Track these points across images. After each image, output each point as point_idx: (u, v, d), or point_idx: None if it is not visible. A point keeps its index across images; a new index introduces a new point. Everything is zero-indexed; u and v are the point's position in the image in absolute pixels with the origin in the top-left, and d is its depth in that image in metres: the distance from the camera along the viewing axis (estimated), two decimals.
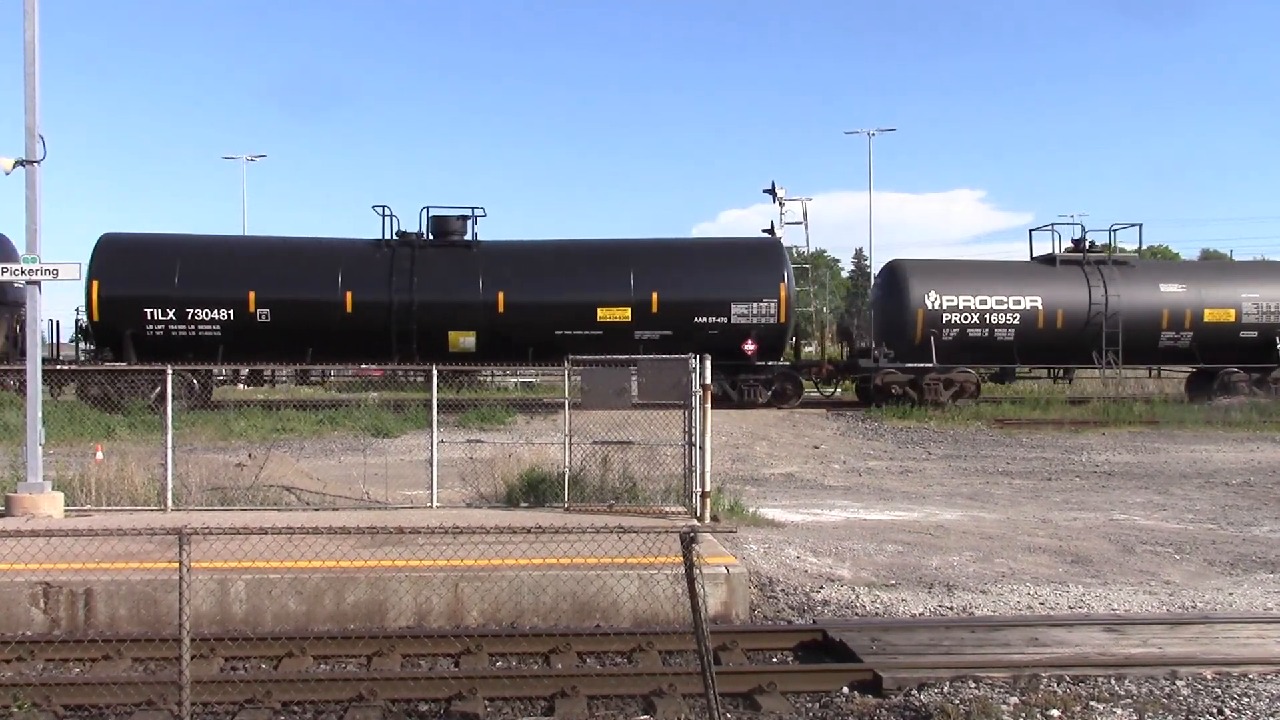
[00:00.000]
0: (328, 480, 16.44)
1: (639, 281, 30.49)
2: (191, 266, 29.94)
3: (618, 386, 13.64)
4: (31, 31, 12.74)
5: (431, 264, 30.44)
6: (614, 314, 30.27)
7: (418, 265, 30.28)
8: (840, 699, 7.55)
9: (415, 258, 30.42)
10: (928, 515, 15.17)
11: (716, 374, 29.70)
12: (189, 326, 29.60)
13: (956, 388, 31.63)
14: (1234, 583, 11.11)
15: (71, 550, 8.85)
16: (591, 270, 30.89)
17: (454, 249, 31.00)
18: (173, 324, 29.53)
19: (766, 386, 30.91)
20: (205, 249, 31.16)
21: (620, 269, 30.74)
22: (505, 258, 30.90)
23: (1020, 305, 32.12)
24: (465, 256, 30.74)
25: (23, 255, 12.72)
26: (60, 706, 7.28)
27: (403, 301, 29.82)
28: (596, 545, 8.54)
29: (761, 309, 30.59)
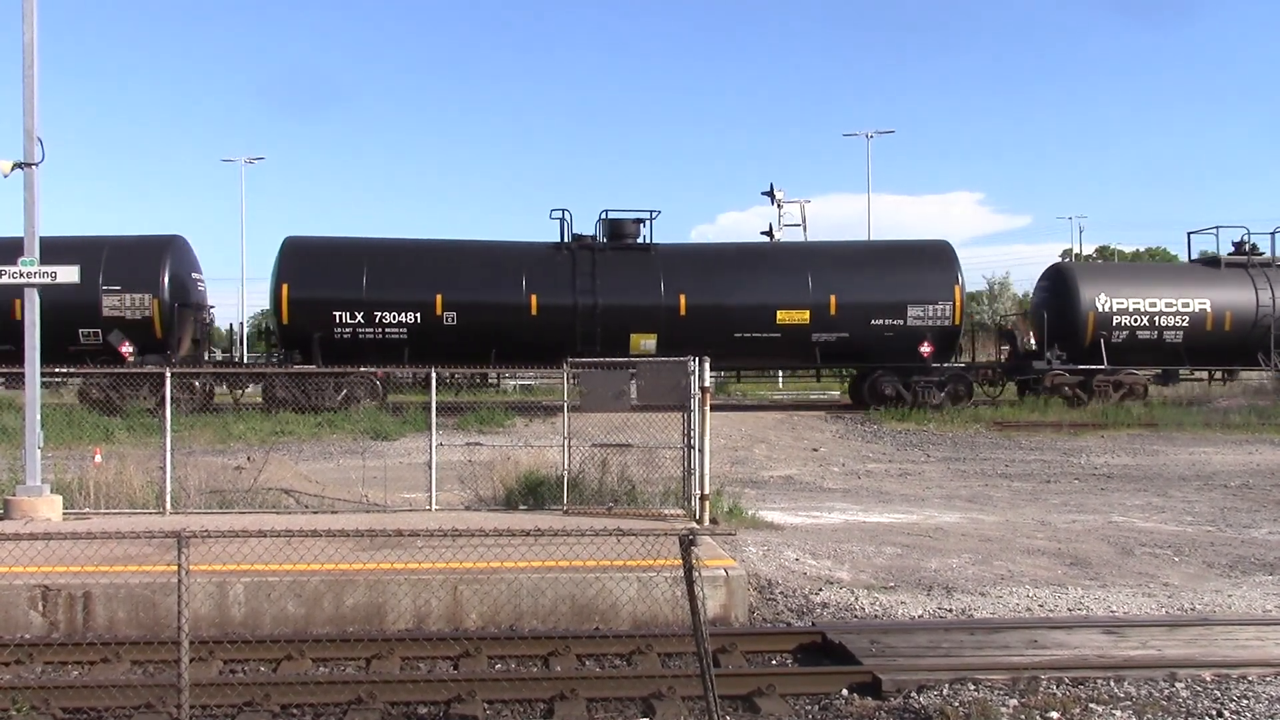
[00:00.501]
0: (326, 483, 16.44)
1: (817, 284, 30.82)
2: (378, 270, 30.16)
3: (616, 389, 13.63)
4: (30, 34, 12.74)
5: (611, 267, 30.72)
6: (793, 316, 30.62)
7: (599, 268, 30.57)
8: (839, 701, 7.55)
9: (595, 261, 30.73)
10: (927, 517, 15.18)
11: (890, 375, 31.05)
12: (376, 329, 29.79)
13: (1125, 389, 32.08)
14: (1233, 585, 11.12)
15: (70, 553, 8.85)
16: (770, 273, 31.32)
17: (632, 252, 31.32)
18: (360, 327, 29.77)
19: (939, 388, 31.23)
20: (391, 252, 31.36)
21: (798, 272, 31.14)
22: (684, 260, 31.46)
23: (1189, 307, 32.55)
24: (644, 259, 31.06)
25: (21, 259, 12.71)
26: (59, 709, 7.27)
27: (586, 304, 30.17)
28: (595, 548, 8.53)
29: (937, 311, 30.91)
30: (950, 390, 31.18)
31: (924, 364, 30.86)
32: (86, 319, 28.92)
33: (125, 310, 29.31)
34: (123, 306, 29.29)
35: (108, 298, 29.17)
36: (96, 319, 29.07)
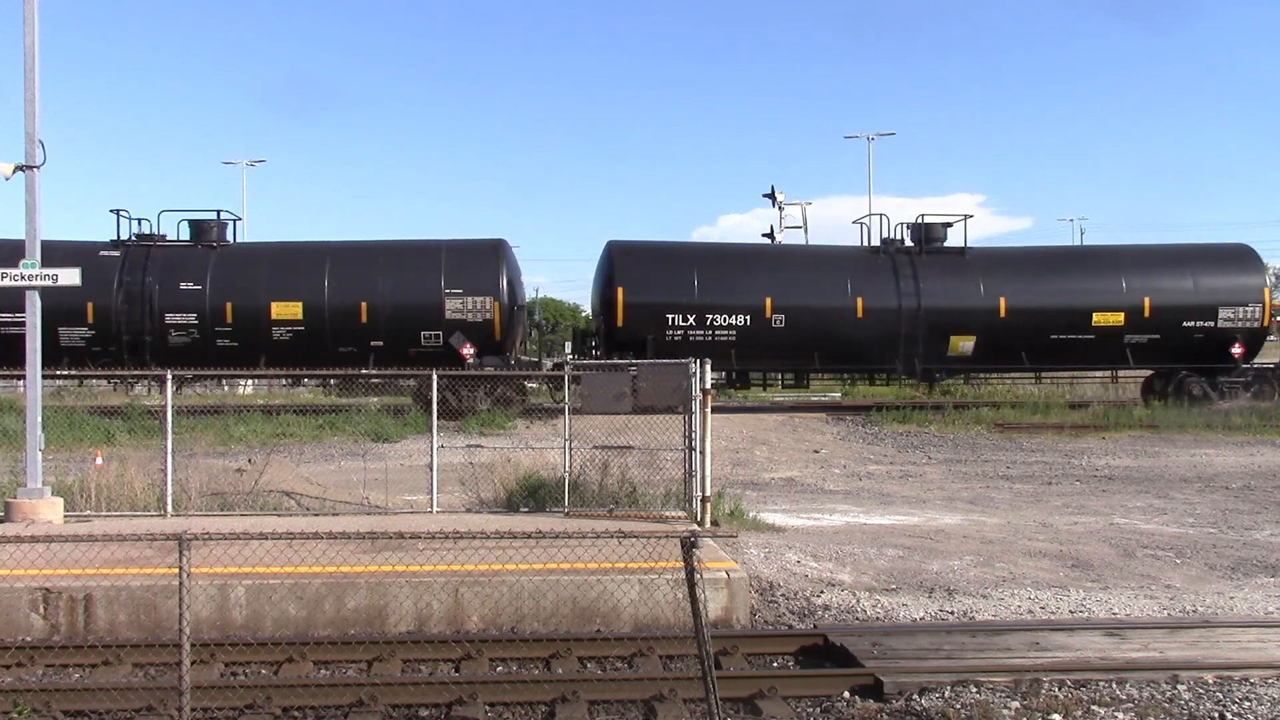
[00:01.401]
0: (327, 485, 16.44)
1: (1130, 286, 31.30)
2: (709, 274, 30.81)
3: (617, 391, 13.63)
4: (31, 37, 12.74)
5: (929, 270, 31.21)
6: (1108, 318, 31.07)
7: (919, 271, 31.08)
8: (841, 703, 7.55)
9: (914, 264, 31.25)
10: (928, 519, 15.17)
11: (1196, 375, 31.31)
12: (706, 331, 30.32)
13: None
14: (1235, 586, 11.10)
15: (71, 556, 8.86)
16: (1085, 275, 31.74)
17: (947, 255, 31.82)
18: (691, 329, 30.33)
19: (1245, 388, 31.46)
20: (720, 256, 32.29)
21: (1112, 274, 31.55)
22: (999, 263, 31.96)
23: None
24: (959, 262, 31.57)
25: (23, 261, 12.71)
26: (60, 712, 7.28)
27: (910, 307, 30.60)
28: (597, 550, 8.53)
29: (1246, 313, 31.36)
30: (1255, 389, 31.54)
31: (1233, 365, 31.39)
32: (430, 321, 29.58)
33: (467, 313, 29.77)
34: (464, 309, 29.77)
35: (450, 300, 29.68)
36: (439, 321, 29.58)
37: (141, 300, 29.11)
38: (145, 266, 29.41)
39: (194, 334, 29.25)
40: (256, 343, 29.10)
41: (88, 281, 28.58)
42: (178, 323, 29.21)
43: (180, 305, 29.26)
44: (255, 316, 29.27)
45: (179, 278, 29.43)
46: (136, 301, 29.07)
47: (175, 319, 29.22)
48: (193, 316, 29.29)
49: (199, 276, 29.49)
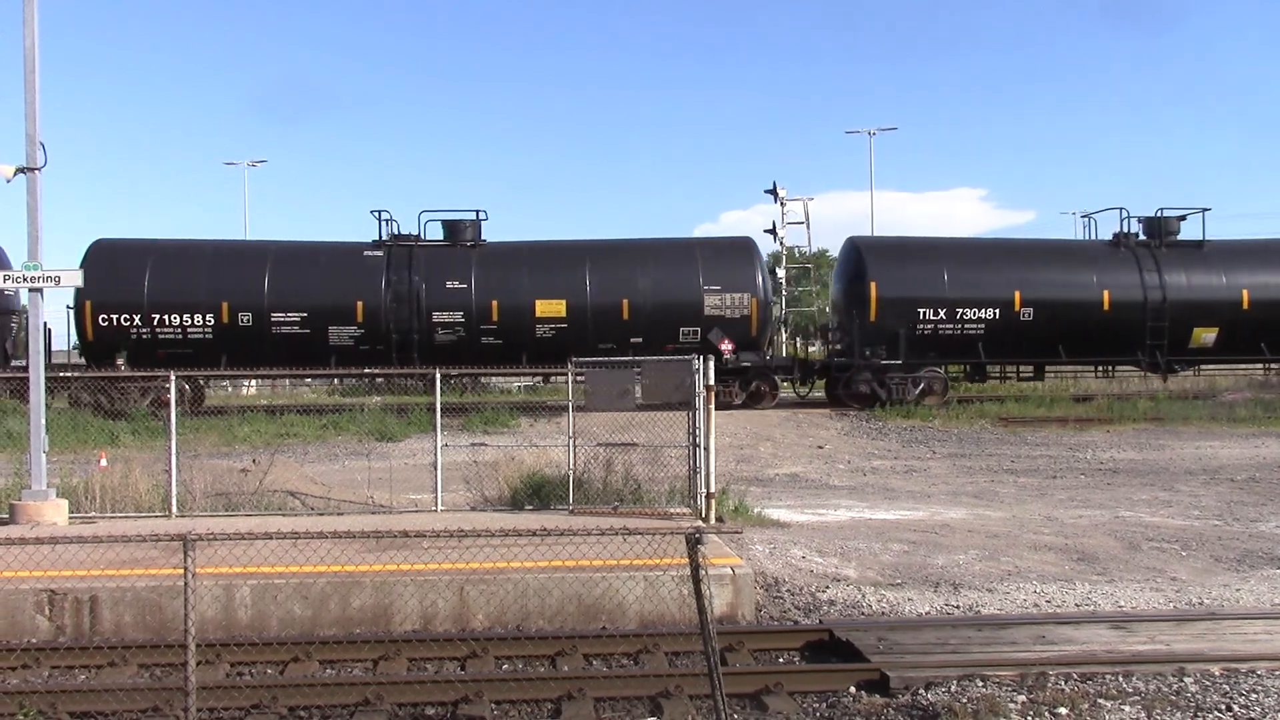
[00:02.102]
0: (332, 485, 16.45)
1: None
2: (958, 268, 31.22)
3: (621, 388, 13.63)
4: (31, 39, 12.75)
5: (1171, 263, 31.58)
6: None
7: (1161, 264, 31.44)
8: (847, 699, 7.54)
9: (1155, 256, 31.64)
10: (933, 514, 15.15)
11: None
12: (956, 325, 30.82)
13: None
14: (1241, 579, 11.09)
15: (76, 557, 8.87)
16: None
17: (1186, 247, 32.20)
18: (941, 323, 30.80)
19: None
20: (969, 251, 32.75)
21: None
22: (1239, 255, 32.31)
23: None
24: (1198, 255, 31.90)
25: (24, 262, 12.72)
26: (66, 714, 7.28)
27: (1155, 300, 30.96)
28: (602, 547, 8.52)
29: None
30: None
31: None
32: (689, 318, 30.00)
33: (725, 309, 30.17)
34: (723, 306, 30.18)
35: (709, 297, 30.10)
36: (698, 318, 29.99)
37: (409, 299, 29.62)
38: (410, 266, 29.94)
39: (459, 332, 29.79)
40: (520, 340, 29.68)
41: (356, 281, 29.73)
42: (444, 321, 29.74)
43: (447, 304, 29.78)
44: (520, 314, 29.81)
45: (444, 277, 29.98)
46: (404, 300, 29.59)
47: (442, 317, 29.74)
48: (459, 315, 29.80)
49: (464, 275, 29.99)
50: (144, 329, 28.96)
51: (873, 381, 30.38)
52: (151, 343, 28.86)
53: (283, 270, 29.85)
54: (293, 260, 30.31)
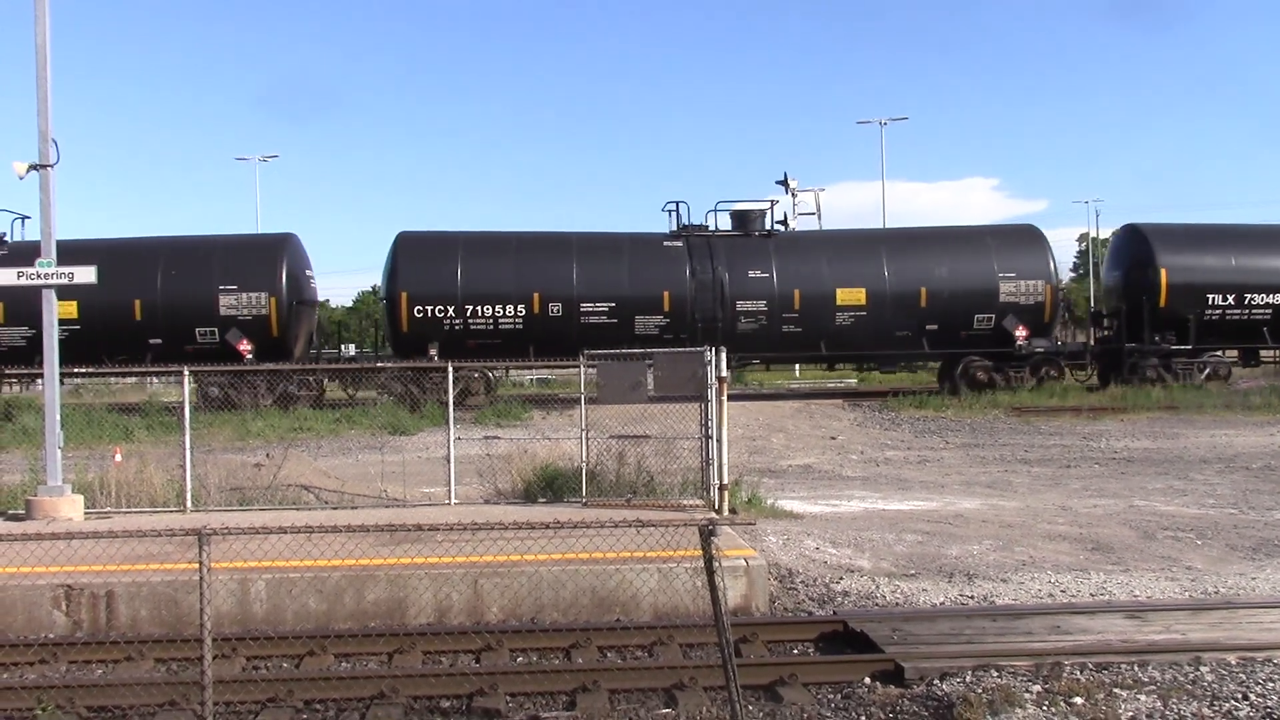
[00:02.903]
0: (346, 479, 16.48)
1: None
2: (1245, 254, 32.35)
3: (633, 380, 13.61)
4: (42, 35, 12.77)
5: None
6: None
7: None
8: (862, 689, 7.53)
9: None
10: (947, 504, 15.12)
11: None
12: (1243, 310, 31.99)
13: None
14: (1257, 567, 11.05)
15: (92, 552, 8.89)
16: None
17: None
18: (1229, 309, 31.96)
19: None
20: (1248, 237, 33.41)
21: None
22: None
23: None
24: None
25: (39, 260, 12.76)
26: (84, 708, 7.31)
27: None
28: (615, 539, 8.54)
29: None
30: None
31: None
32: (983, 305, 31.04)
33: (1019, 296, 31.12)
34: (1017, 293, 31.13)
35: (1004, 284, 30.98)
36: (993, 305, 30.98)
37: (712, 288, 30.17)
38: (711, 256, 30.46)
39: (761, 320, 30.43)
40: (820, 328, 30.40)
41: (661, 271, 30.32)
42: (747, 309, 30.39)
43: (749, 293, 30.40)
44: (821, 302, 30.36)
45: (746, 266, 30.52)
46: (707, 289, 30.17)
47: (745, 306, 30.36)
48: (761, 303, 30.43)
49: (764, 264, 30.58)
50: (456, 320, 29.59)
51: (1159, 366, 31.43)
52: (463, 333, 29.56)
53: (589, 261, 30.48)
54: (597, 250, 31.00)
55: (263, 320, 29.57)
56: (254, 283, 29.71)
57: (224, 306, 29.50)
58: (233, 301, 29.54)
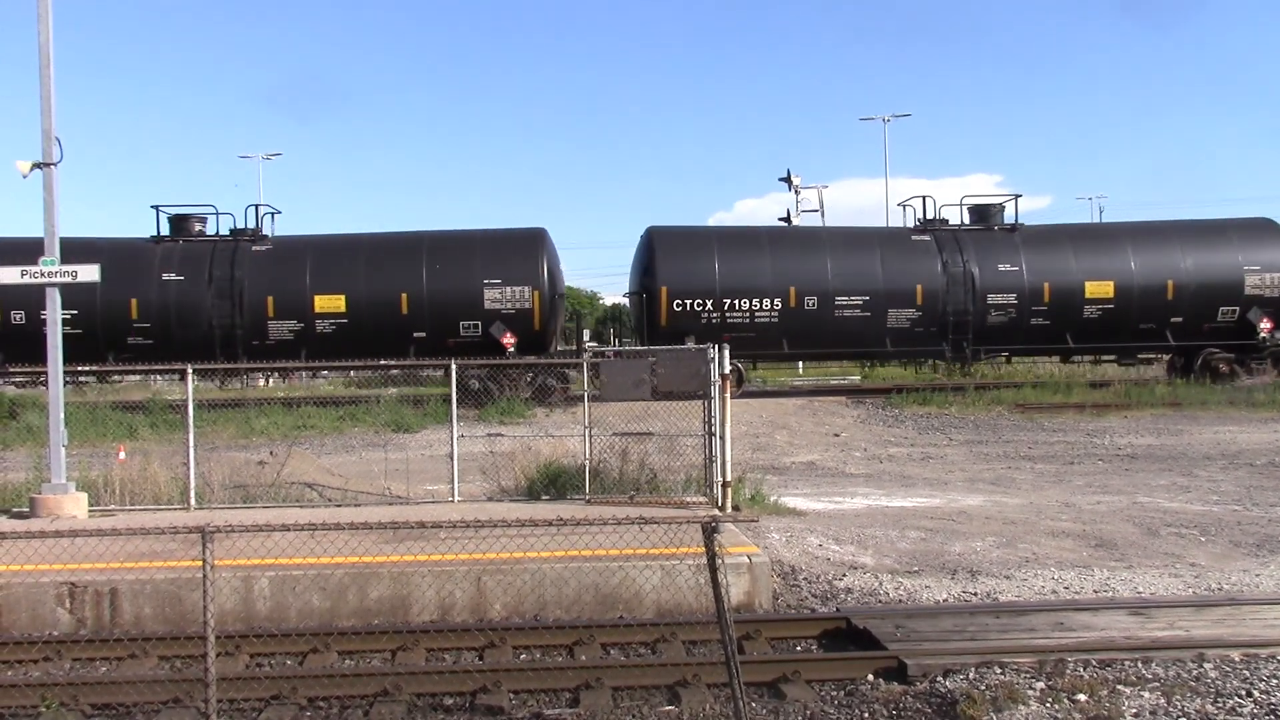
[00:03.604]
0: (349, 476, 16.49)
1: None
2: None
3: (636, 377, 13.61)
4: (45, 34, 12.78)
5: None
6: None
7: None
8: (865, 686, 7.53)
9: None
10: (950, 501, 15.12)
11: None
12: None
13: None
14: (1260, 564, 11.04)
15: (96, 550, 8.90)
16: None
17: None
18: None
19: None
20: None
21: None
22: None
23: None
24: None
25: (42, 258, 12.77)
26: (88, 705, 7.33)
27: None
28: (618, 537, 8.54)
29: None
30: None
31: None
32: (1229, 296, 31.16)
33: (1264, 289, 31.27)
34: (1262, 285, 31.23)
35: (1249, 276, 31.11)
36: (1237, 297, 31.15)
37: (962, 282, 30.45)
38: (960, 249, 30.82)
39: (1011, 313, 30.73)
40: (1068, 320, 30.80)
41: (913, 265, 30.66)
42: (997, 303, 30.71)
43: (999, 286, 30.70)
44: (1069, 295, 30.71)
45: (995, 260, 30.83)
46: (958, 283, 30.46)
47: (995, 299, 30.66)
48: (1011, 296, 30.72)
49: (1013, 258, 30.89)
50: (714, 314, 29.92)
51: None
52: (720, 326, 29.71)
53: (841, 255, 30.76)
54: (850, 244, 31.30)
55: (526, 314, 29.71)
56: (517, 276, 29.85)
57: (489, 300, 29.63)
58: (497, 295, 29.64)
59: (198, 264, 29.61)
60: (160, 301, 29.18)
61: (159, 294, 29.17)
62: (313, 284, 29.47)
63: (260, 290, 29.34)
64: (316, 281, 29.48)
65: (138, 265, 29.15)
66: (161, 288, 29.20)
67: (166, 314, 29.19)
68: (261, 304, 29.31)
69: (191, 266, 29.56)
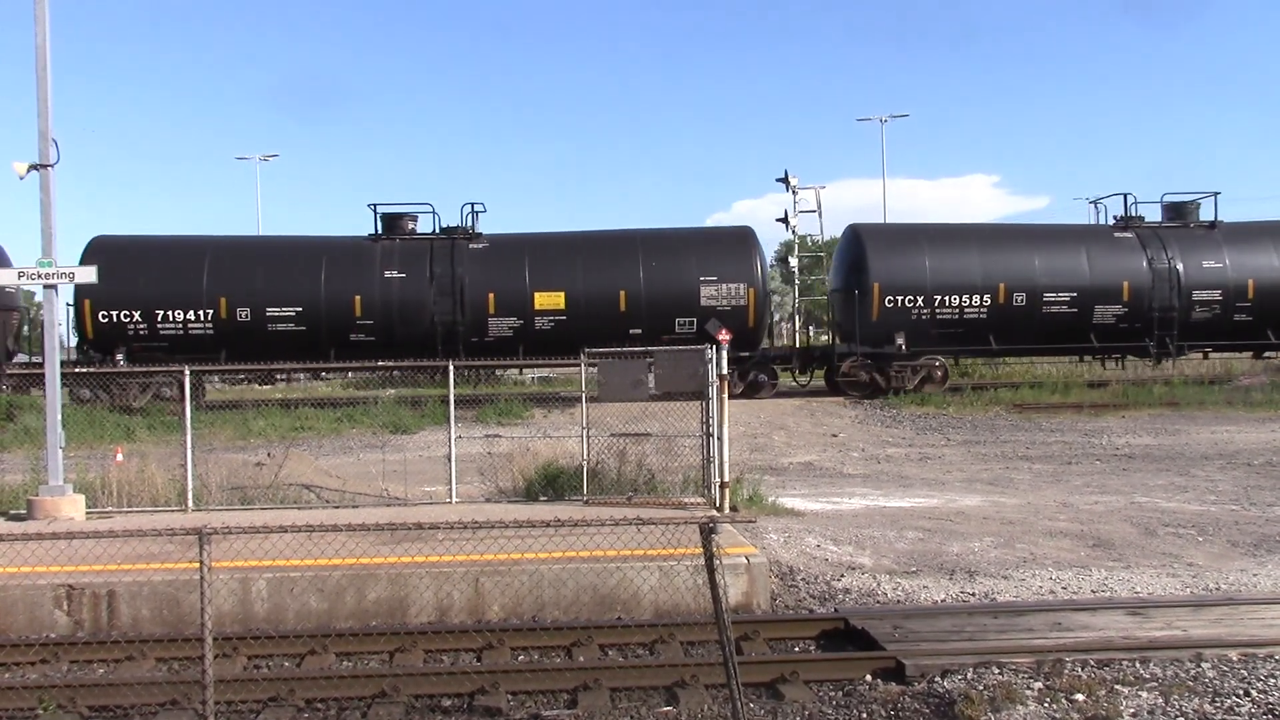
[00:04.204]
0: (347, 478, 16.49)
1: None
2: None
3: (634, 378, 13.61)
4: (42, 36, 12.77)
5: None
6: None
7: None
8: (863, 687, 7.53)
9: None
10: (948, 501, 15.12)
11: None
12: None
13: None
14: (1258, 564, 11.04)
15: (93, 552, 8.90)
16: None
17: None
18: None
19: None
20: None
21: None
22: None
23: None
24: None
25: (38, 259, 12.76)
26: (85, 707, 7.32)
27: None
28: (616, 537, 8.54)
29: None
30: None
31: None
32: None
33: None
34: None
35: None
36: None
37: (1167, 278, 30.86)
38: (1163, 246, 31.21)
39: (1215, 309, 31.22)
40: (1271, 315, 31.21)
41: (1119, 262, 30.98)
42: (1202, 299, 31.15)
43: (1204, 282, 31.12)
44: (1273, 291, 31.12)
45: (1199, 256, 31.25)
46: (1163, 279, 30.85)
47: (1200, 295, 31.11)
48: (1216, 293, 31.19)
49: (1216, 254, 31.34)
50: (925, 310, 30.41)
51: None
52: (929, 322, 30.44)
53: (1049, 251, 31.17)
54: (1056, 241, 31.68)
55: (741, 310, 29.89)
56: (731, 273, 30.09)
57: (705, 297, 29.83)
58: (713, 292, 29.84)
59: (418, 261, 29.82)
60: (383, 299, 29.43)
61: (382, 291, 29.40)
62: (532, 281, 29.69)
63: (481, 287, 29.55)
64: (536, 279, 29.71)
65: (360, 263, 29.53)
66: (384, 285, 29.44)
67: (389, 311, 29.44)
68: (483, 300, 29.54)
69: (413, 264, 29.78)
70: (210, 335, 28.98)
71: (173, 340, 28.82)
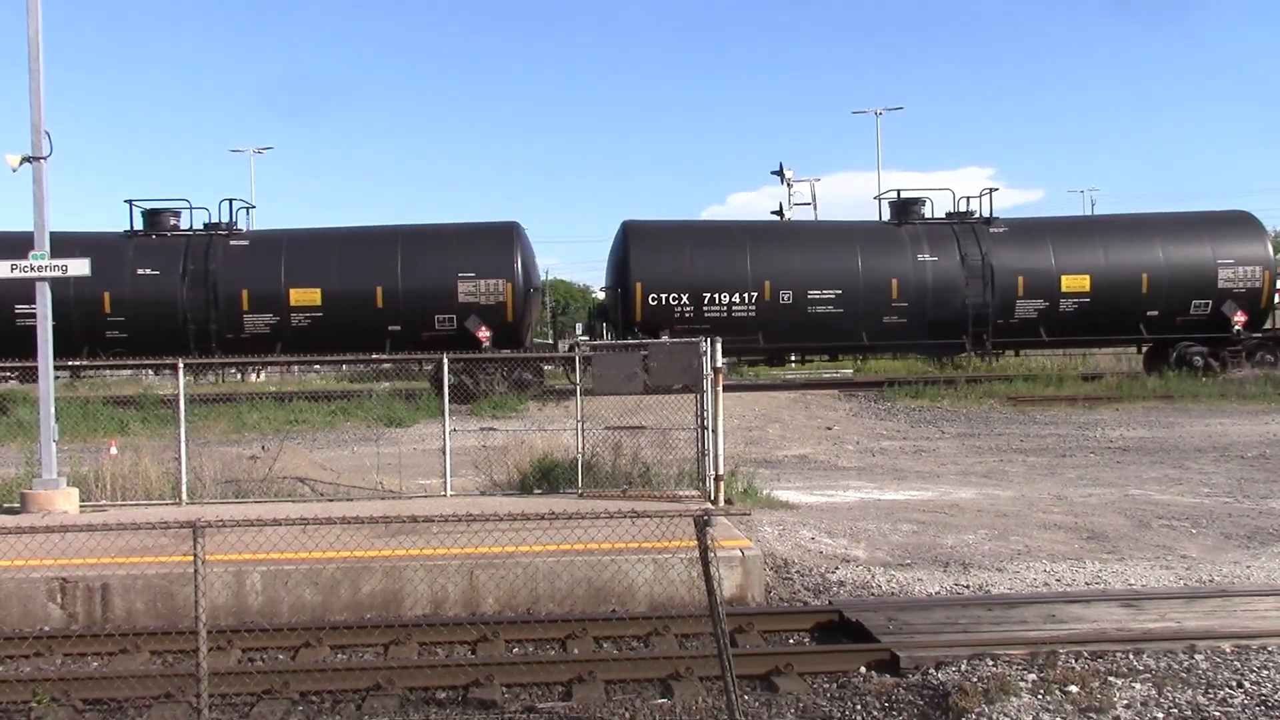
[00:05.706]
0: (341, 471, 16.47)
1: None
2: None
3: (629, 371, 13.59)
4: (35, 27, 12.71)
5: None
6: None
7: None
8: (858, 679, 7.54)
9: None
10: (942, 494, 15.14)
11: None
12: None
13: None
14: (1251, 556, 11.07)
15: (87, 546, 8.88)
16: None
17: None
18: None
19: None
20: None
21: None
22: None
23: None
24: None
25: (32, 252, 12.72)
26: (79, 700, 7.31)
27: None
28: (611, 530, 8.52)
29: None
30: None
31: None
32: None
33: None
34: None
35: None
36: None
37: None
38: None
39: None
40: None
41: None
42: None
43: None
44: None
45: None
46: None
47: None
48: None
49: None
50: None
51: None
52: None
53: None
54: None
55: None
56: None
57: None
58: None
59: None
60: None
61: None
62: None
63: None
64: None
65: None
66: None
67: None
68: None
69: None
70: None
71: None
